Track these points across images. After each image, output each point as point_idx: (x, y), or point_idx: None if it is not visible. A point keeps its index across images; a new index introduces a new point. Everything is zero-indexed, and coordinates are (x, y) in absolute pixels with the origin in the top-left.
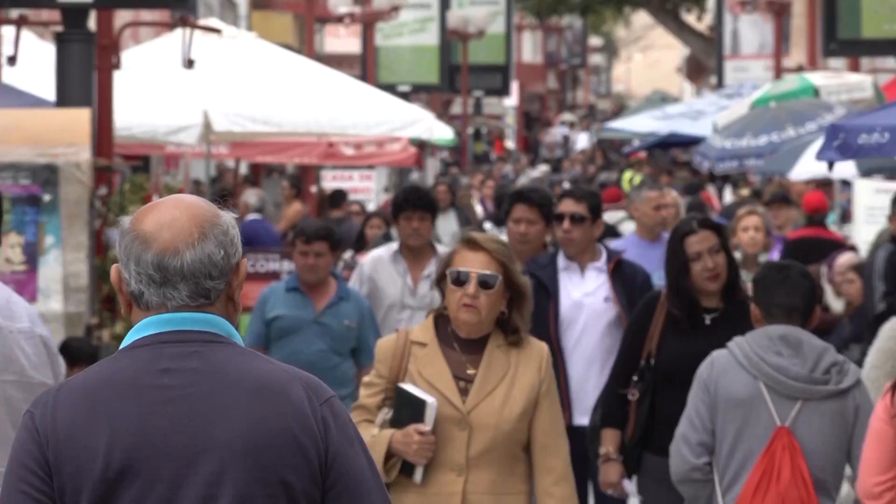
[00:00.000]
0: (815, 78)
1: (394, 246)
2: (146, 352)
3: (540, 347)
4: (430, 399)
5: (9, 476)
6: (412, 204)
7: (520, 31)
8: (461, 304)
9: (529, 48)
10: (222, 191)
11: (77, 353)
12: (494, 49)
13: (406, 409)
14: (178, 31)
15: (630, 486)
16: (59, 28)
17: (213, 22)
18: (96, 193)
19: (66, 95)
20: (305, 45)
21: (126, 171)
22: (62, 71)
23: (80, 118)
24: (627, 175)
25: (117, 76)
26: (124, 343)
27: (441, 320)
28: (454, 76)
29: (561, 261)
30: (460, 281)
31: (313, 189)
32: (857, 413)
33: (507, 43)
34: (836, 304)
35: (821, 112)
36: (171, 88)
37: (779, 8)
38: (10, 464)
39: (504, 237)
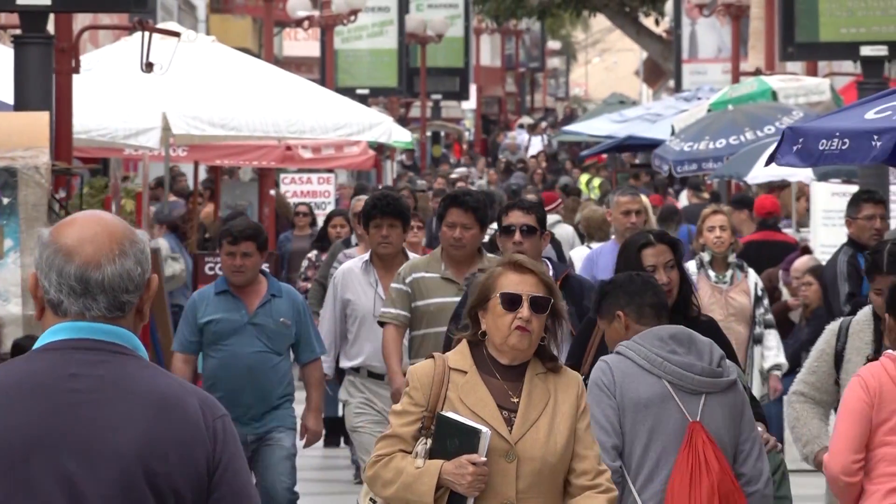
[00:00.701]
0: (773, 81)
1: (365, 256)
2: (58, 355)
3: (575, 375)
4: (483, 428)
5: None
6: (381, 211)
7: (478, 35)
8: (514, 327)
9: (487, 52)
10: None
11: (26, 348)
12: (453, 52)
13: (453, 439)
14: (137, 35)
15: None
16: (18, 31)
17: (172, 25)
18: (55, 196)
19: (25, 99)
20: (264, 49)
21: (85, 174)
22: (20, 74)
23: (38, 121)
24: (584, 178)
25: (76, 79)
26: (37, 344)
27: (476, 346)
28: (413, 79)
29: None
30: (512, 304)
31: (272, 192)
32: (744, 402)
33: (466, 46)
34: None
35: (778, 115)
36: (129, 92)
37: (736, 11)
38: None
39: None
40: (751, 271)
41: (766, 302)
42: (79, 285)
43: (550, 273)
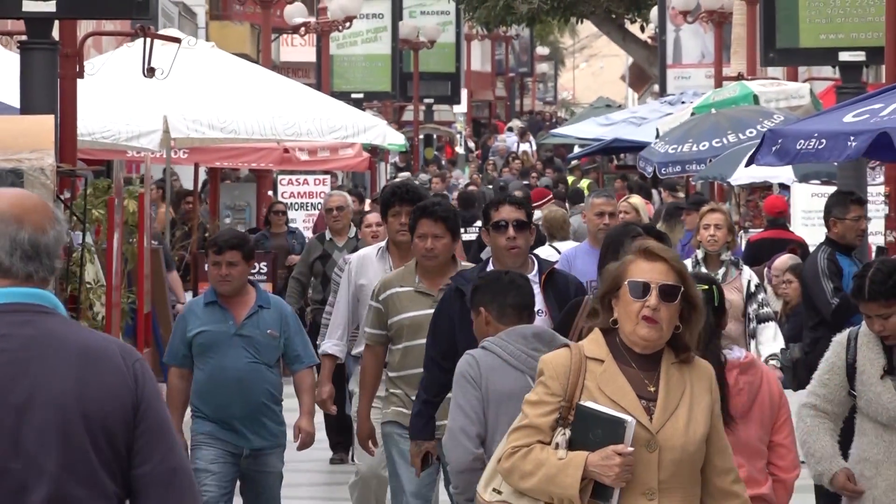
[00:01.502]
0: (755, 86)
1: (381, 244)
2: None
3: (707, 366)
4: (629, 418)
5: None
6: (400, 199)
7: (469, 41)
8: (641, 316)
9: (478, 57)
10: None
11: None
12: (445, 58)
13: (596, 430)
14: (139, 41)
15: None
16: (24, 37)
17: (173, 32)
18: (60, 197)
19: (31, 102)
20: (262, 55)
21: (89, 175)
22: (26, 79)
23: (44, 124)
24: (571, 180)
25: (80, 84)
26: None
27: (609, 334)
28: (406, 84)
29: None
30: (640, 292)
31: (270, 193)
32: None
33: (457, 52)
34: (775, 305)
35: (760, 118)
36: (132, 96)
37: (719, 18)
38: None
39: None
40: (745, 268)
41: (760, 297)
42: (31, 249)
43: (535, 268)
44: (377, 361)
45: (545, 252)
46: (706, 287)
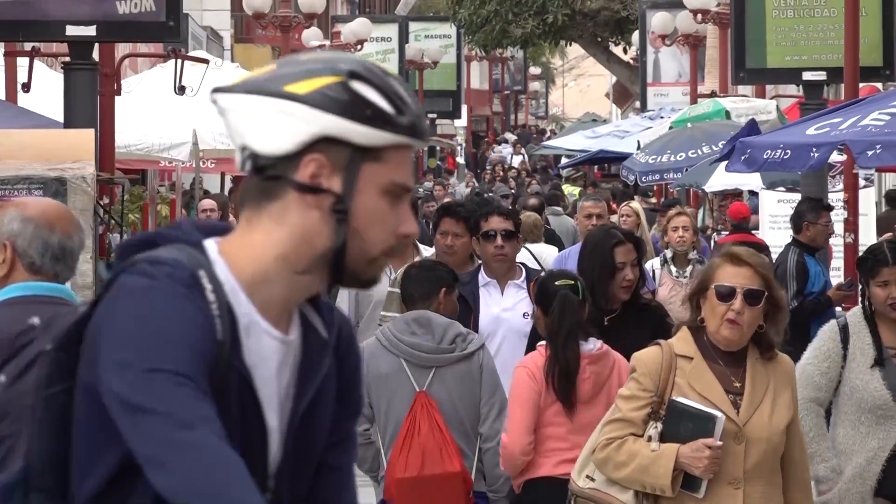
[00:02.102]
0: (727, 102)
1: None
2: (23, 308)
3: (789, 362)
4: (718, 413)
5: None
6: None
7: (468, 62)
8: (724, 319)
9: (477, 76)
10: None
11: None
12: (446, 77)
13: (687, 424)
14: (171, 62)
15: None
16: (67, 59)
17: (201, 53)
18: (100, 203)
19: (73, 117)
20: None
21: (126, 183)
22: (69, 96)
23: (85, 137)
24: (566, 189)
25: (118, 101)
26: (8, 295)
27: (697, 332)
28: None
29: (482, 278)
30: (726, 296)
31: None
32: (482, 370)
33: (458, 72)
34: None
35: (731, 132)
36: (164, 111)
37: (694, 41)
38: None
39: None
40: None
41: None
42: (60, 252)
43: (523, 275)
44: None
45: (524, 255)
46: (571, 283)
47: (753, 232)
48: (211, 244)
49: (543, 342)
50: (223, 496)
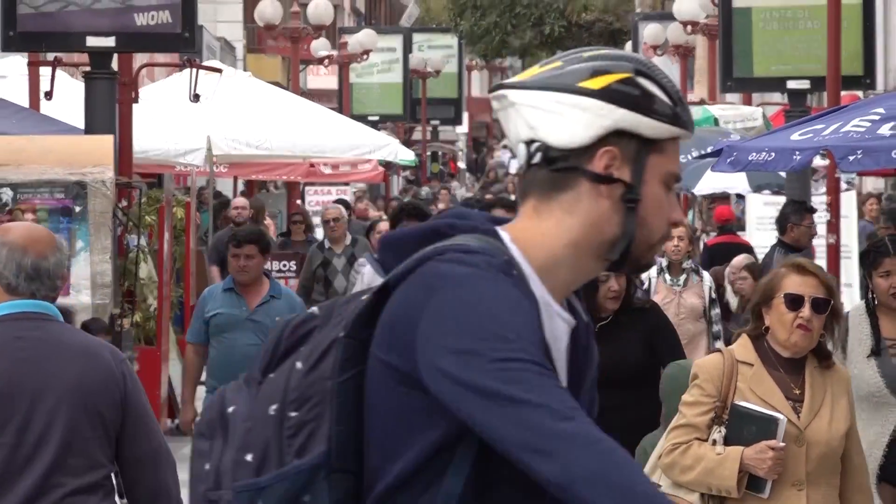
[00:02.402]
0: (715, 109)
1: None
2: (8, 325)
3: (844, 371)
4: (780, 416)
5: None
6: (408, 214)
7: (469, 71)
8: (795, 325)
9: (478, 84)
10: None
11: (91, 328)
12: (449, 85)
13: (749, 427)
14: (186, 71)
15: None
16: (87, 68)
17: (215, 63)
18: (118, 206)
19: (93, 124)
20: (291, 83)
21: (143, 187)
22: (90, 104)
23: (104, 143)
24: None
25: (135, 108)
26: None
27: (757, 340)
28: (415, 108)
29: None
30: (795, 304)
31: (298, 202)
32: None
33: (459, 80)
34: (733, 300)
35: (719, 138)
36: (179, 118)
37: (684, 51)
38: None
39: None
40: (706, 275)
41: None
42: (33, 272)
43: None
44: None
45: None
46: None
47: (739, 233)
48: (503, 232)
49: None
50: (626, 487)
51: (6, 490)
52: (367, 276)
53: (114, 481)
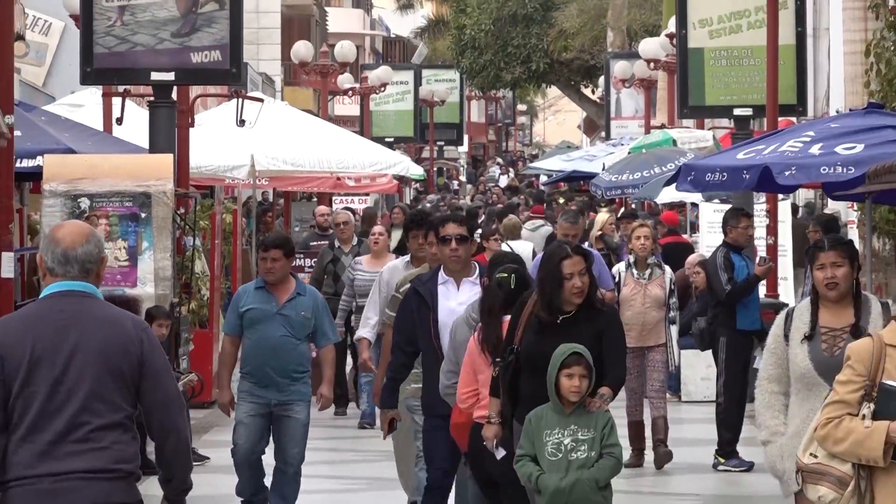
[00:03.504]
0: (673, 132)
1: (406, 258)
2: (52, 300)
3: None
4: None
5: None
6: (417, 224)
7: (469, 100)
8: None
9: (476, 111)
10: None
11: (154, 314)
12: (452, 112)
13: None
14: (233, 101)
15: (500, 452)
16: (151, 98)
17: (258, 94)
18: (177, 212)
19: (156, 144)
20: (321, 110)
21: (197, 197)
22: (153, 127)
23: (166, 160)
24: (600, 216)
25: (191, 131)
26: (42, 294)
27: None
28: (424, 131)
29: (441, 277)
30: None
31: (325, 208)
32: None
33: (461, 108)
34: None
35: (677, 156)
36: (228, 140)
37: (648, 84)
38: None
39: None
40: (667, 269)
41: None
42: (63, 259)
43: (476, 272)
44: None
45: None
46: (505, 275)
47: (687, 236)
48: None
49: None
50: None
51: (43, 428)
52: (386, 275)
53: (134, 422)
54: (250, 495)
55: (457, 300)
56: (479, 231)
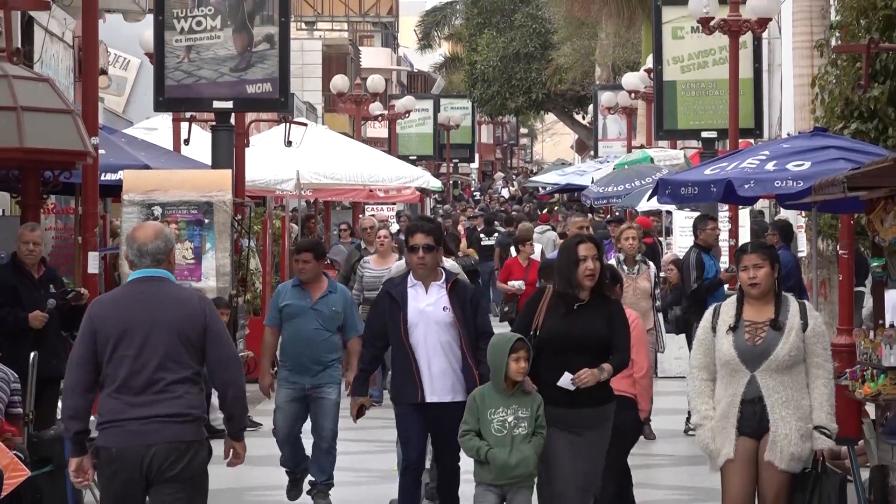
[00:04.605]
0: (651, 152)
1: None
2: (135, 284)
3: None
4: None
5: (78, 339)
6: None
7: (479, 125)
8: None
9: (485, 134)
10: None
11: (217, 303)
12: (465, 135)
13: None
14: (282, 125)
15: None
16: (213, 123)
17: (302, 119)
18: (235, 218)
19: (217, 161)
20: (355, 133)
21: (252, 205)
22: (215, 147)
23: (225, 175)
24: (556, 208)
25: (247, 151)
26: (128, 279)
27: None
28: (442, 150)
29: (411, 280)
30: None
31: (361, 216)
32: None
33: (472, 131)
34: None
35: (654, 171)
36: (277, 157)
37: (629, 111)
38: (78, 335)
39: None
40: (651, 264)
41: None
42: (139, 252)
43: (443, 278)
44: None
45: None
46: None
47: (663, 238)
48: None
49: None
50: None
51: (130, 383)
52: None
53: (201, 377)
54: (293, 466)
55: (425, 302)
56: (497, 236)
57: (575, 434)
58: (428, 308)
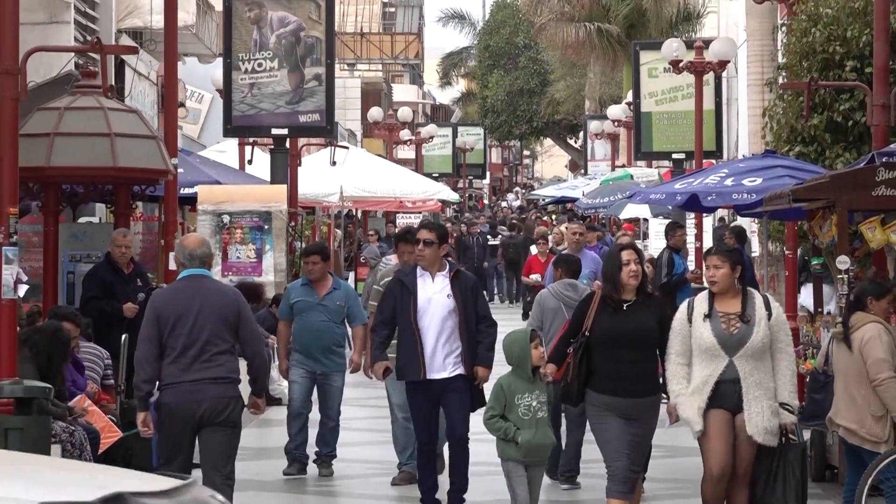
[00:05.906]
0: (631, 170)
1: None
2: (186, 280)
3: None
4: None
5: (144, 322)
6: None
7: (490, 147)
8: None
9: (495, 155)
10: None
11: (276, 300)
12: (478, 156)
13: None
14: (328, 148)
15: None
16: (272, 146)
17: (344, 143)
18: (289, 225)
19: (275, 178)
20: (388, 155)
21: (303, 214)
22: (273, 167)
23: (282, 189)
24: (554, 216)
25: (300, 169)
26: (179, 277)
27: None
28: (459, 169)
29: (419, 270)
30: None
31: (390, 224)
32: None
33: (485, 152)
34: None
35: (633, 186)
36: (324, 175)
37: (613, 137)
38: (144, 319)
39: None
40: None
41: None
42: (189, 256)
43: (447, 269)
44: None
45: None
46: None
47: (640, 241)
48: None
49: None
50: None
51: (185, 354)
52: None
53: (236, 349)
54: (294, 448)
55: (432, 290)
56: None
57: (628, 420)
58: (435, 295)
